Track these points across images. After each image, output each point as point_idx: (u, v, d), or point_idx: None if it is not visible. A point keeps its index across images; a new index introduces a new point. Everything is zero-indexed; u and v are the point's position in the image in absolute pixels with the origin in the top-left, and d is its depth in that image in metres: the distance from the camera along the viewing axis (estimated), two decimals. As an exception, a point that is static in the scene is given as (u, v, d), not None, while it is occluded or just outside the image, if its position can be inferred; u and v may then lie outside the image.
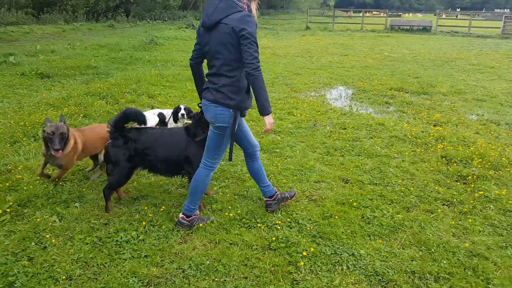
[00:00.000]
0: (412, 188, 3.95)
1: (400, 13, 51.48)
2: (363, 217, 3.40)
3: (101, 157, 4.01)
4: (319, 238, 3.08)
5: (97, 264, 2.73)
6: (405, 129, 5.72)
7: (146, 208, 3.45)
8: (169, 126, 5.49)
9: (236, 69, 2.81)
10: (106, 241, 2.98)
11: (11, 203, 3.42)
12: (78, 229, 3.12)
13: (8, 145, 4.78)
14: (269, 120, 2.86)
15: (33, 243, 2.93)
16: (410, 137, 5.40)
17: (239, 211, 3.41)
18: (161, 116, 5.68)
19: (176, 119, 5.36)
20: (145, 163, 3.36)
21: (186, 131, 3.40)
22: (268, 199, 3.41)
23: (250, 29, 2.66)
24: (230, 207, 3.49)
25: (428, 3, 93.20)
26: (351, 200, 3.65)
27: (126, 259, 2.79)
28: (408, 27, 28.31)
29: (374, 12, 52.76)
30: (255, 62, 2.68)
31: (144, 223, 3.20)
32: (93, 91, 7.54)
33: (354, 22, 31.46)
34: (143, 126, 3.64)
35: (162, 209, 3.44)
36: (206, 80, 3.01)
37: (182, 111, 5.10)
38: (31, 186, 3.73)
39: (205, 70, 3.09)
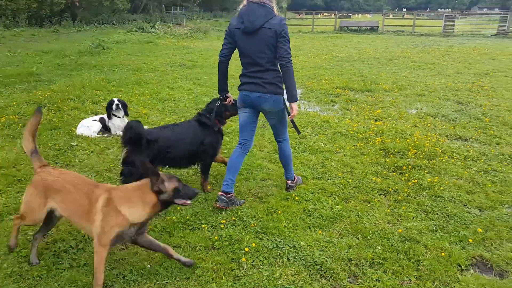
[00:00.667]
0: (350, 180, 4.16)
1: (350, 14, 53.54)
2: (304, 210, 3.54)
3: None
4: (262, 234, 3.17)
5: (33, 277, 2.64)
6: (347, 125, 6.00)
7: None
8: (110, 125, 5.46)
9: (276, 64, 3.43)
10: (43, 252, 2.89)
11: None
12: (11, 243, 2.99)
13: None
14: (296, 107, 3.45)
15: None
16: (352, 132, 5.67)
17: (183, 214, 3.43)
18: (103, 121, 5.61)
19: (109, 113, 5.43)
20: (165, 160, 3.55)
21: (199, 123, 3.78)
22: (221, 194, 3.56)
23: (287, 30, 3.34)
24: (174, 210, 3.50)
25: (376, 4, 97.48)
26: (294, 195, 3.79)
27: (64, 269, 2.73)
28: (357, 28, 29.52)
29: (325, 14, 54.40)
30: (289, 56, 3.33)
31: (82, 232, 3.13)
32: (34, 99, 7.23)
33: (305, 24, 32.34)
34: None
35: (103, 216, 3.38)
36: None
37: (116, 102, 5.38)
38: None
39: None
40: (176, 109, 6.94)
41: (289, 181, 3.93)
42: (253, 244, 2.99)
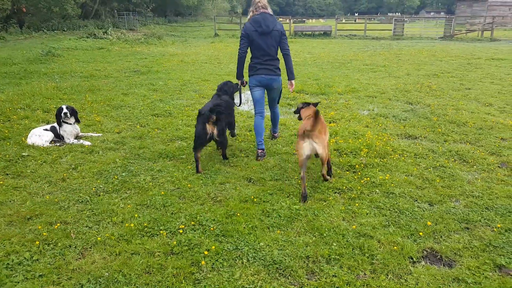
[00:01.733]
0: (307, 179, 4.29)
1: (304, 19, 54.77)
2: (263, 211, 3.61)
3: None
4: (222, 236, 3.21)
5: None
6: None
7: (40, 227, 3.27)
8: (62, 132, 5.32)
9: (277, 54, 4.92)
10: None
11: None
12: (-40, 258, 2.84)
13: None
14: (294, 82, 5.20)
15: None
16: (308, 134, 5.84)
17: (140, 221, 3.38)
18: (54, 130, 5.45)
19: (59, 120, 5.34)
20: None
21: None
22: (261, 151, 4.92)
23: (284, 30, 4.91)
24: (131, 217, 3.45)
25: (329, 9, 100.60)
26: (252, 196, 3.85)
27: (18, 282, 2.65)
28: (311, 33, 30.34)
29: (280, 19, 55.28)
30: (289, 48, 4.93)
31: (37, 242, 3.04)
32: (-21, 109, 6.82)
33: (262, 28, 32.70)
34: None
35: (57, 227, 3.29)
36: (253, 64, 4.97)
37: (65, 110, 5.32)
38: None
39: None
40: (131, 116, 6.82)
41: (276, 134, 5.71)
42: (213, 247, 3.01)
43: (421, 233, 3.29)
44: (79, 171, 4.49)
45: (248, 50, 4.90)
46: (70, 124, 5.42)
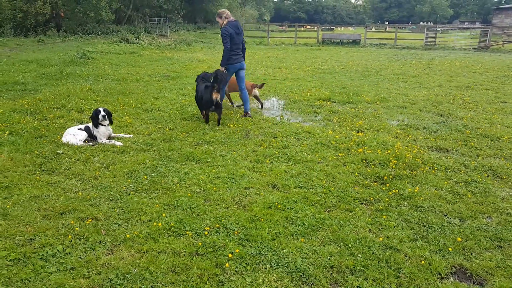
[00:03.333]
0: (333, 189, 4.27)
1: (332, 27, 54.58)
2: (287, 218, 3.61)
3: None
4: (246, 241, 3.23)
5: (21, 279, 2.69)
6: (330, 136, 6.13)
7: (72, 222, 3.41)
8: (96, 133, 5.49)
9: None
10: (31, 256, 2.94)
11: None
12: (2, 246, 3.03)
13: None
14: None
15: None
16: (334, 143, 5.80)
17: (168, 220, 3.46)
18: (88, 130, 5.64)
19: (95, 122, 5.49)
20: None
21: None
22: (248, 112, 7.32)
23: None
24: (159, 217, 3.54)
25: (358, 17, 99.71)
26: (276, 203, 3.86)
27: (52, 273, 2.77)
28: (339, 40, 30.14)
29: (308, 27, 55.39)
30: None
31: (70, 236, 3.17)
32: (20, 107, 7.19)
33: (288, 36, 32.83)
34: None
35: (88, 222, 3.41)
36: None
37: (103, 113, 5.48)
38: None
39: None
40: (161, 119, 6.98)
41: (248, 112, 7.34)
42: (237, 251, 3.04)
43: (450, 249, 3.20)
44: (111, 170, 4.63)
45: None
46: (104, 126, 5.61)
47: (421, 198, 4.11)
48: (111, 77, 11.23)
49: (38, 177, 4.32)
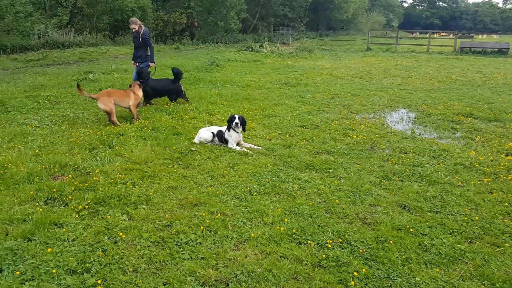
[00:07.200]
0: (477, 218, 3.71)
1: (472, 35, 48.79)
2: (420, 245, 3.26)
3: None
4: (372, 261, 3.02)
5: (160, 261, 2.98)
6: (472, 157, 5.39)
7: (204, 214, 3.67)
8: (227, 136, 5.77)
9: None
10: (168, 241, 3.24)
11: (89, 201, 3.86)
12: (145, 229, 3.41)
13: (87, 151, 5.34)
14: None
15: (106, 237, 3.27)
16: (477, 165, 5.07)
17: (290, 226, 3.46)
18: (220, 133, 5.96)
19: (230, 126, 5.71)
20: None
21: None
22: None
23: None
24: (280, 221, 3.58)
25: (506, 23, 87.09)
26: (408, 226, 3.53)
27: (185, 259, 3.01)
28: (481, 49, 26.67)
29: (442, 34, 50.57)
30: None
31: (202, 227, 3.41)
32: (160, 107, 8.17)
33: (419, 44, 30.48)
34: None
35: (217, 217, 3.63)
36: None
37: (237, 120, 5.66)
38: (106, 188, 4.15)
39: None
40: (281, 125, 7.10)
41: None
42: (363, 270, 2.85)
43: None
44: (236, 170, 4.87)
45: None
46: (237, 132, 5.87)
47: None
48: (237, 84, 11.94)
49: (175, 170, 4.79)
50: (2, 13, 19.73)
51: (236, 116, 5.71)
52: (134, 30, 8.70)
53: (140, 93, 7.29)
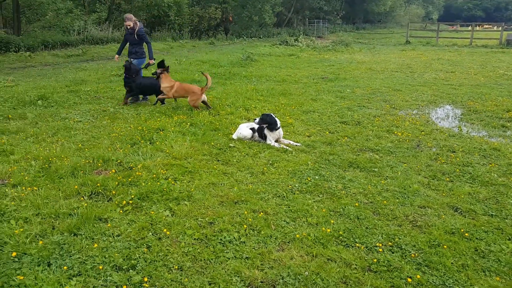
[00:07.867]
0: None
1: (519, 26, 45.89)
2: (476, 250, 3.07)
3: None
4: (425, 267, 2.87)
5: (204, 259, 2.95)
6: (527, 157, 5.05)
7: (246, 212, 3.62)
8: (266, 132, 5.69)
9: None
10: (211, 238, 3.21)
11: (132, 196, 3.88)
12: (188, 225, 3.40)
13: (129, 146, 5.42)
14: None
15: (150, 233, 3.28)
16: (534, 166, 4.75)
17: (336, 228, 3.35)
18: (260, 130, 5.88)
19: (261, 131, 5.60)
20: None
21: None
22: None
23: None
24: (325, 222, 3.48)
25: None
26: (462, 230, 3.33)
27: (229, 258, 2.96)
28: (530, 42, 25.02)
29: (486, 26, 48.03)
30: None
31: (245, 226, 3.36)
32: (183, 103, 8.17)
33: (461, 37, 29.07)
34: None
35: (260, 215, 3.57)
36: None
37: (278, 125, 5.63)
38: (148, 183, 4.18)
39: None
40: (320, 121, 6.94)
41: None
42: (417, 276, 2.71)
43: None
44: (276, 167, 4.80)
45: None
46: (276, 129, 5.78)
47: None
48: (272, 78, 11.83)
49: (215, 166, 4.78)
50: (44, 10, 20.64)
51: (272, 115, 5.73)
52: (129, 27, 8.33)
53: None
